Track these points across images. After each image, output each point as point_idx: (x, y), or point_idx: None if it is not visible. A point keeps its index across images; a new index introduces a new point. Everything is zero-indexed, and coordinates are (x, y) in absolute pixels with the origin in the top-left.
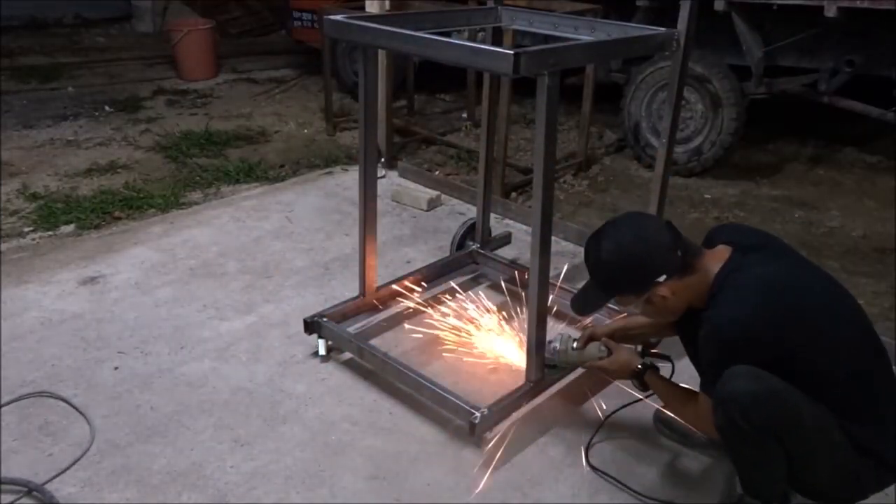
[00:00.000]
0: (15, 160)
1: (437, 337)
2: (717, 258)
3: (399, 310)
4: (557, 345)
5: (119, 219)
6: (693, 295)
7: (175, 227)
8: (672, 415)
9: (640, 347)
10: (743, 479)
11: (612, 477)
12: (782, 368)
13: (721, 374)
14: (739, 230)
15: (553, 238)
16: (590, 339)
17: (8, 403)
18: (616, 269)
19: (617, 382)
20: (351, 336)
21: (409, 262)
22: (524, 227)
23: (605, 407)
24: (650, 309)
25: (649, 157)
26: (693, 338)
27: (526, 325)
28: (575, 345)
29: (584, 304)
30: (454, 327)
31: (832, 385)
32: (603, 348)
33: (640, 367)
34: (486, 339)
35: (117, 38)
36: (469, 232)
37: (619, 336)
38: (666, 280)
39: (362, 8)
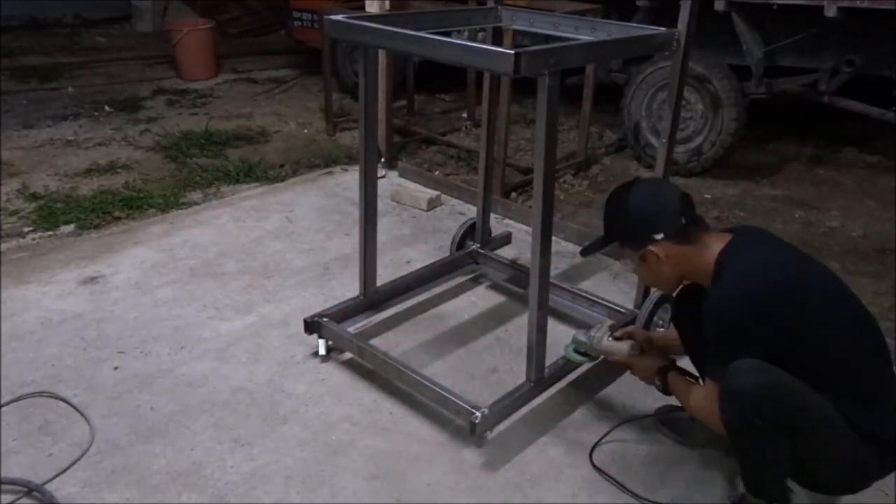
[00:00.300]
0: (15, 160)
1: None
2: (720, 238)
3: (399, 310)
4: (594, 332)
5: (119, 219)
6: (689, 266)
7: (175, 227)
8: (696, 417)
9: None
10: (746, 476)
11: (612, 478)
12: (783, 356)
13: (723, 353)
14: (741, 227)
15: (553, 238)
16: (628, 336)
17: (8, 403)
18: (618, 217)
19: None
20: (351, 336)
21: (409, 262)
22: (524, 227)
23: (605, 407)
24: (643, 269)
25: (649, 157)
26: (697, 320)
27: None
28: (610, 336)
29: (588, 246)
30: None
31: (833, 372)
32: (636, 346)
33: (665, 364)
34: None
35: (117, 38)
36: (469, 232)
37: (654, 346)
38: (663, 240)
39: (362, 8)
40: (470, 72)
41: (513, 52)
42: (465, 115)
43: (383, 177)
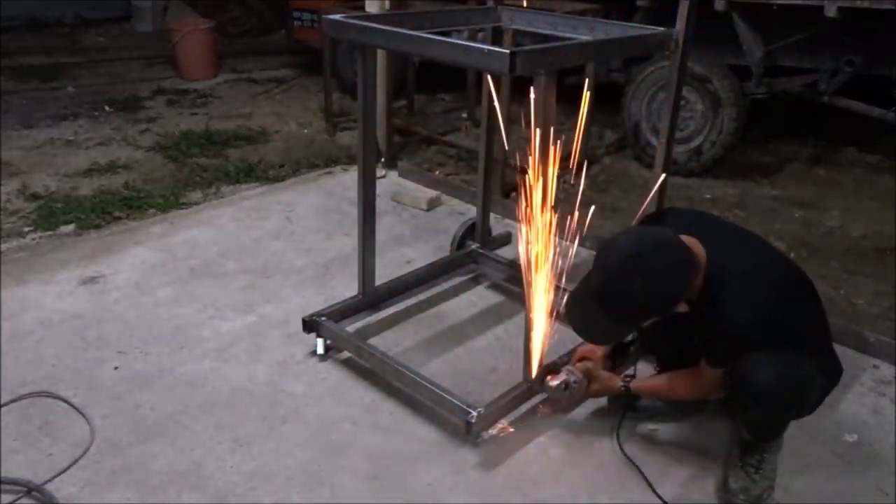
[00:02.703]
0: (15, 160)
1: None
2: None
3: (398, 309)
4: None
5: (119, 219)
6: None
7: (175, 227)
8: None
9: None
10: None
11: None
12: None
13: (729, 356)
14: (682, 217)
15: None
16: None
17: (8, 403)
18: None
19: None
20: (350, 335)
21: (408, 261)
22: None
23: (606, 405)
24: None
25: (649, 157)
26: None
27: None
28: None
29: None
30: None
31: (811, 335)
32: (577, 377)
33: (622, 385)
34: None
35: (117, 38)
36: (469, 232)
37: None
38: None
39: (362, 8)
40: (470, 72)
41: (508, 51)
42: (465, 115)
43: (383, 177)
